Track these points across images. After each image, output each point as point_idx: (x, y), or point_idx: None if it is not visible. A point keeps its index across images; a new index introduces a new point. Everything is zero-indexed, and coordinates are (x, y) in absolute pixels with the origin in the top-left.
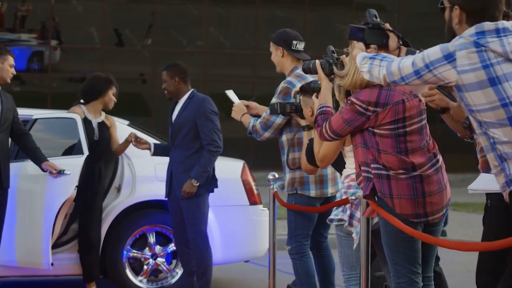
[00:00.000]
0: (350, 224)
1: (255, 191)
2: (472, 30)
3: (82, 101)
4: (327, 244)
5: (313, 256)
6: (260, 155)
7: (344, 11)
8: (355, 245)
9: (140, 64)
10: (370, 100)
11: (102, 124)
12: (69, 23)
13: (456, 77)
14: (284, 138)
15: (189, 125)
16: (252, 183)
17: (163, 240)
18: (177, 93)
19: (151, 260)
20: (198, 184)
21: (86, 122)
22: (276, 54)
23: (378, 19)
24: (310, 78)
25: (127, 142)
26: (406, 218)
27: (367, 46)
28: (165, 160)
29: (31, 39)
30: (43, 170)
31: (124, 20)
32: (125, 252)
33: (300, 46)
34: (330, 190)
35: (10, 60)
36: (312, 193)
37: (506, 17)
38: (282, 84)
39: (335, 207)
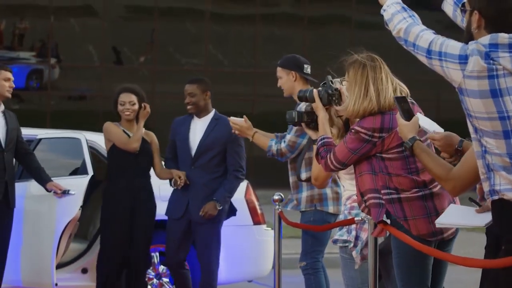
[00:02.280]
0: (355, 246)
1: (259, 211)
2: (487, 39)
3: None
4: (322, 262)
5: None
6: (260, 173)
7: (343, 30)
8: (356, 266)
9: (139, 82)
10: (375, 126)
11: (142, 139)
12: (68, 41)
13: (461, 80)
14: (303, 157)
15: (219, 148)
16: (256, 203)
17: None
18: (204, 109)
19: (155, 280)
20: (220, 208)
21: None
22: (288, 79)
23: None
24: None
25: (171, 175)
26: (423, 238)
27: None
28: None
29: (30, 57)
30: (47, 190)
31: (122, 38)
32: None
33: (309, 69)
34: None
35: (5, 74)
36: (331, 209)
37: None
38: (306, 106)
39: (338, 228)
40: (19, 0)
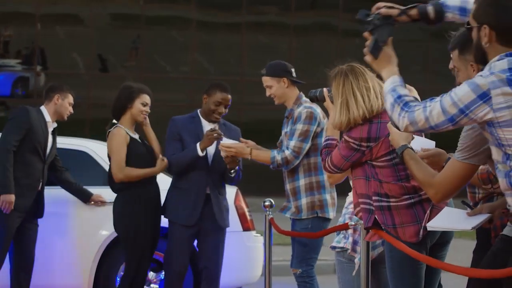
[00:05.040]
0: (354, 250)
1: (249, 217)
2: (504, 64)
3: (114, 121)
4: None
5: None
6: (249, 180)
7: (329, 38)
8: (354, 271)
9: None
10: (362, 136)
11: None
12: (54, 48)
13: (492, 115)
14: (301, 163)
15: None
16: (246, 209)
17: (156, 266)
18: None
19: (145, 287)
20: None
21: (132, 141)
22: (280, 86)
23: (372, 15)
24: None
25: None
26: (411, 243)
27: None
28: (164, 187)
29: (15, 64)
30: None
31: (108, 45)
32: (118, 278)
33: (294, 72)
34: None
35: (70, 98)
36: (331, 215)
37: None
38: (305, 110)
39: (336, 234)
40: (5, 7)
